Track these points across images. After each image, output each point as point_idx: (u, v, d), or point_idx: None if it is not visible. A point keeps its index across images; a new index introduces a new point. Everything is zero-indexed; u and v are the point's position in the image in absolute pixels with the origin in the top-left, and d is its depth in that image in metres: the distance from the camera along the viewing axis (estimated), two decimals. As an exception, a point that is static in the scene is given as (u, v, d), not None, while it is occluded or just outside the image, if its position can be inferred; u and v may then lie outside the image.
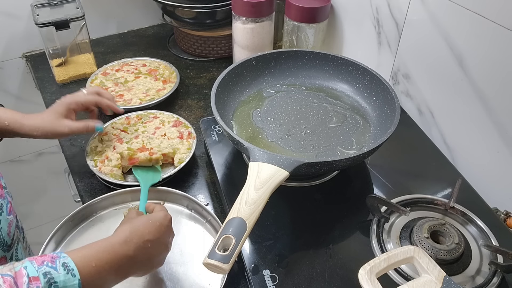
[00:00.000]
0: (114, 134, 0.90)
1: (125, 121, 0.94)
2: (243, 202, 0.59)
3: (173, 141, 0.89)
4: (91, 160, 0.85)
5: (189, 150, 0.88)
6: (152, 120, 0.94)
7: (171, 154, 0.87)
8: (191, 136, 0.91)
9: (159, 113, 0.96)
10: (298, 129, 0.82)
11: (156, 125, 0.93)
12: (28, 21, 1.21)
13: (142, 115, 0.96)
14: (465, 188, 0.76)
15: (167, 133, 0.91)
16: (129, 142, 0.88)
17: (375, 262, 0.54)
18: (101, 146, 0.88)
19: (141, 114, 0.96)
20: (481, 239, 0.68)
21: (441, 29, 0.83)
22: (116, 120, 0.95)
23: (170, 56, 1.27)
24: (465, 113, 0.83)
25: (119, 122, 0.94)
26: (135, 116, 0.95)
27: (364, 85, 0.88)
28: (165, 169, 0.87)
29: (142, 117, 0.95)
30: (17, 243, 0.75)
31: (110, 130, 0.91)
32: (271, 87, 0.91)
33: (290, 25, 1.09)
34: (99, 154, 0.86)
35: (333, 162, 0.68)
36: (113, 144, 0.88)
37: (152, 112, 0.97)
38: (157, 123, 0.94)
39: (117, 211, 0.80)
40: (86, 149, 0.87)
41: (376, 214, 0.71)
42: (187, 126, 0.93)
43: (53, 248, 0.73)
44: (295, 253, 0.68)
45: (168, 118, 0.95)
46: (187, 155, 0.87)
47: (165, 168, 0.88)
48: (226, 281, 0.66)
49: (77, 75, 1.15)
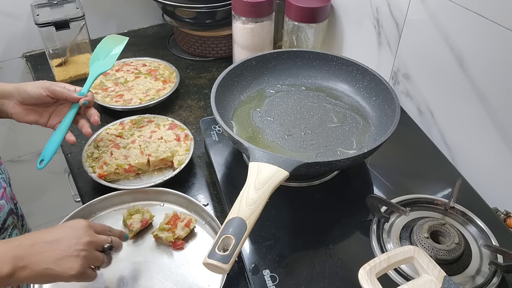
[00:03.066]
0: (110, 140, 0.90)
1: (119, 126, 0.94)
2: (243, 202, 0.59)
3: (171, 143, 0.89)
4: (88, 167, 0.85)
5: (187, 151, 0.88)
6: (147, 124, 0.94)
7: (169, 158, 0.86)
8: (188, 138, 0.91)
9: (153, 116, 0.96)
10: (298, 129, 0.82)
11: (151, 129, 0.93)
12: (28, 21, 1.21)
13: (136, 120, 0.95)
14: (465, 188, 0.76)
15: (164, 136, 0.91)
16: (126, 147, 0.88)
17: (375, 262, 0.54)
18: (97, 152, 0.87)
19: (135, 119, 0.95)
20: (481, 239, 0.68)
21: (441, 29, 0.83)
22: (110, 126, 0.94)
23: (170, 56, 1.27)
24: (465, 113, 0.83)
25: (113, 127, 0.93)
26: (129, 121, 0.95)
27: (364, 85, 0.88)
28: (165, 171, 0.87)
29: (136, 122, 0.95)
30: (11, 229, 0.76)
31: (105, 136, 0.91)
32: (271, 87, 0.91)
33: (290, 25, 1.09)
34: (96, 160, 0.86)
35: (333, 162, 0.68)
36: (109, 150, 0.87)
37: (146, 116, 0.96)
38: (152, 126, 0.93)
39: (117, 211, 0.80)
40: (82, 155, 0.87)
41: (376, 214, 0.71)
42: (183, 128, 0.93)
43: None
44: (295, 253, 0.68)
45: (163, 121, 0.95)
46: (186, 157, 0.87)
47: (165, 171, 0.88)
48: (225, 282, 0.66)
49: (77, 75, 1.15)
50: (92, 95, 0.80)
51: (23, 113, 0.76)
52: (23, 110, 0.76)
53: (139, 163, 0.84)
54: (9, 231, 0.75)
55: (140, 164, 0.85)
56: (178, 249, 0.73)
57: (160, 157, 0.85)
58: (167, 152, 0.87)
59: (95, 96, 1.03)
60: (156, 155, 0.85)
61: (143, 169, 0.86)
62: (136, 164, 0.84)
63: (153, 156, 0.85)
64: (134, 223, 0.75)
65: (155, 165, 0.87)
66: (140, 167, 0.85)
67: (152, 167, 0.87)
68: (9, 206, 0.76)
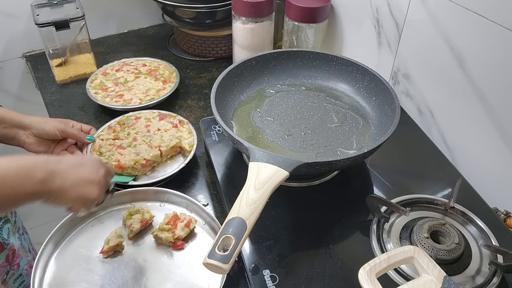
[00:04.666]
0: (110, 144, 0.89)
1: (109, 130, 0.93)
2: (243, 202, 0.59)
3: (171, 131, 0.91)
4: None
5: (190, 134, 0.91)
6: (136, 121, 0.95)
7: (178, 144, 0.89)
8: (184, 122, 0.94)
9: (138, 113, 0.97)
10: (298, 129, 0.82)
11: (144, 124, 0.94)
12: (28, 21, 1.21)
13: (123, 120, 0.95)
14: (465, 188, 0.76)
15: (160, 127, 0.92)
16: (130, 146, 0.88)
17: (375, 262, 0.54)
18: (104, 159, 0.86)
19: (122, 119, 0.95)
20: (481, 239, 0.68)
21: (441, 29, 0.83)
22: (100, 132, 0.93)
23: (170, 56, 1.27)
24: (465, 113, 0.83)
25: (104, 132, 0.92)
26: (116, 123, 0.94)
27: (364, 85, 0.88)
28: (176, 158, 0.90)
29: (124, 122, 0.95)
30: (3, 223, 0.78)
31: (101, 143, 0.90)
32: (271, 87, 0.91)
33: (290, 25, 1.09)
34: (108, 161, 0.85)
35: (333, 162, 0.68)
36: (115, 153, 0.87)
37: (131, 115, 0.97)
38: (143, 122, 0.94)
39: (117, 211, 0.80)
40: None
41: (376, 214, 0.71)
42: (173, 116, 0.95)
43: (51, 248, 0.73)
44: (295, 253, 0.68)
45: (150, 115, 0.96)
46: (193, 138, 0.90)
47: (175, 158, 0.90)
48: (225, 282, 0.66)
49: (77, 75, 1.15)
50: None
51: (35, 144, 0.84)
52: (35, 141, 0.84)
53: (154, 156, 0.86)
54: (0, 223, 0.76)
55: (155, 157, 0.86)
56: (178, 249, 0.73)
57: (170, 146, 0.88)
58: (174, 140, 0.89)
59: (95, 96, 1.04)
60: (166, 145, 0.88)
61: (157, 161, 0.87)
62: (152, 157, 0.86)
63: (164, 146, 0.87)
64: (134, 223, 0.75)
65: (167, 154, 0.89)
66: (155, 159, 0.87)
67: (164, 157, 0.88)
68: None
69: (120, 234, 0.74)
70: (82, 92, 1.10)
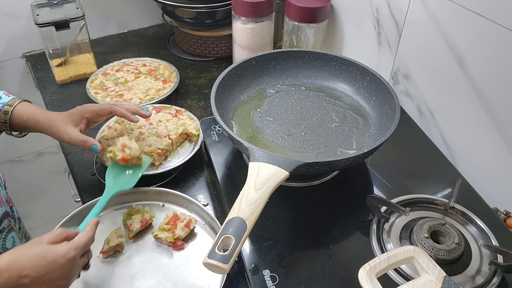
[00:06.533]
0: (114, 137, 0.87)
1: (110, 130, 0.91)
2: (243, 202, 0.59)
3: (173, 120, 0.93)
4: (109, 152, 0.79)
5: (192, 120, 0.94)
6: None
7: (185, 130, 0.91)
8: (181, 111, 0.96)
9: None
10: (298, 129, 0.82)
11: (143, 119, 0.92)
12: (28, 21, 1.21)
13: (121, 119, 0.93)
14: (465, 188, 0.76)
15: (160, 119, 0.94)
16: (139, 140, 0.88)
17: (375, 262, 0.54)
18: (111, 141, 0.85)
19: (119, 118, 0.93)
20: (481, 239, 0.68)
21: (441, 29, 0.83)
22: (101, 133, 0.91)
23: (170, 56, 1.27)
24: (465, 113, 0.83)
25: (106, 132, 0.91)
26: (114, 122, 0.94)
27: (364, 85, 0.88)
28: (184, 145, 0.91)
29: (123, 120, 0.93)
30: (7, 232, 0.76)
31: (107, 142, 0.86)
32: (271, 87, 0.91)
33: (290, 25, 1.09)
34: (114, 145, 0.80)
35: (333, 162, 0.68)
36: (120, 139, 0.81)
37: None
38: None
39: (117, 211, 0.80)
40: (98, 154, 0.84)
41: (376, 214, 0.71)
42: (167, 107, 0.97)
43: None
44: (295, 253, 0.68)
45: None
46: (197, 123, 0.93)
47: (183, 144, 0.92)
48: (225, 282, 0.66)
49: (77, 75, 1.15)
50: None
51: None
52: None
53: (167, 145, 0.87)
54: (4, 234, 0.75)
55: (168, 145, 0.88)
56: (178, 249, 0.73)
57: (179, 133, 0.90)
58: (180, 127, 0.91)
59: (95, 96, 1.04)
60: (174, 132, 0.89)
61: (169, 149, 0.89)
62: (165, 146, 0.87)
63: (173, 134, 0.89)
64: (134, 223, 0.75)
65: (176, 142, 0.90)
66: (168, 148, 0.88)
67: (174, 145, 0.90)
68: (4, 209, 0.76)
69: (120, 234, 0.74)
70: (82, 92, 1.10)
